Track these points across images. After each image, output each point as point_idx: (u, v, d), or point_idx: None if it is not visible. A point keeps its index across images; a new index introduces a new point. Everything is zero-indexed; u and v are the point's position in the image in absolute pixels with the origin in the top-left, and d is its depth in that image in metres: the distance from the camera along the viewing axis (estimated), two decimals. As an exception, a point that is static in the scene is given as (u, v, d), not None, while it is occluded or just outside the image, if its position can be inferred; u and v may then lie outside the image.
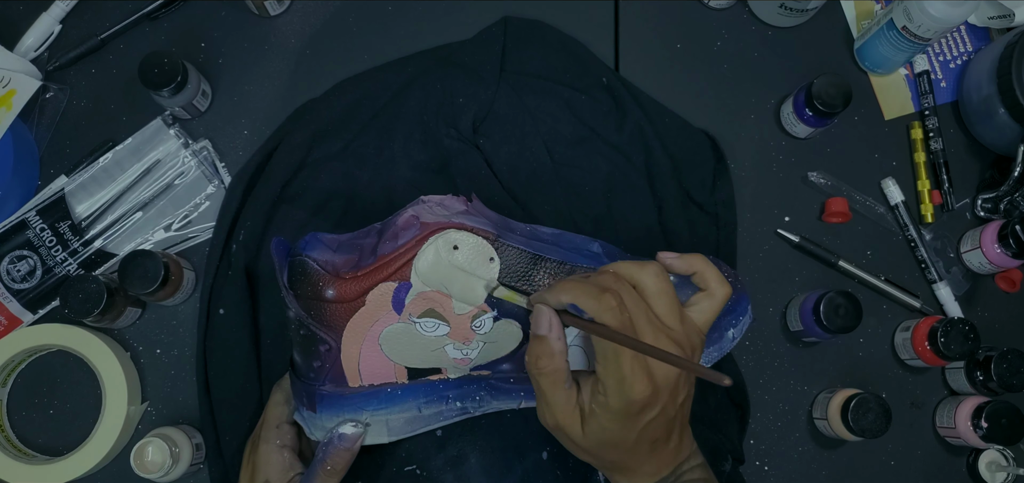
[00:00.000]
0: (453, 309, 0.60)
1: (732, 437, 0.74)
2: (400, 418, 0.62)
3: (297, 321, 0.61)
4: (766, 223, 0.80)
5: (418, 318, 0.60)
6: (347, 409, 0.61)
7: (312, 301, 0.61)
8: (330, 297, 0.60)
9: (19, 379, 0.75)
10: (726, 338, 0.62)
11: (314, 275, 0.60)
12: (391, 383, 0.62)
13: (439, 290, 0.60)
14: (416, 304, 0.60)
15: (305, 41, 0.81)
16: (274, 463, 0.61)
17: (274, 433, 0.63)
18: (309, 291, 0.61)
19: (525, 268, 0.61)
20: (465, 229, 0.60)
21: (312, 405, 0.62)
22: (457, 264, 0.60)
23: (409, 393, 0.62)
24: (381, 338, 0.61)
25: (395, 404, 0.62)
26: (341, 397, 0.61)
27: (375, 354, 0.61)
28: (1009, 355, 0.72)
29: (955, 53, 0.85)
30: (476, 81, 0.77)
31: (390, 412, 0.62)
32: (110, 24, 0.80)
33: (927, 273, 0.80)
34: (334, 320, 0.60)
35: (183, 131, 0.79)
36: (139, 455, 0.67)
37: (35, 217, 0.76)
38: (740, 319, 0.63)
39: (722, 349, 0.62)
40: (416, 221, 0.61)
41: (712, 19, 0.84)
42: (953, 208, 0.81)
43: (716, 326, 0.62)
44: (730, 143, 0.81)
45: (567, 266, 0.62)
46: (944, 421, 0.76)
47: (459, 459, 0.70)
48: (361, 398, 0.61)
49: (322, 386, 0.61)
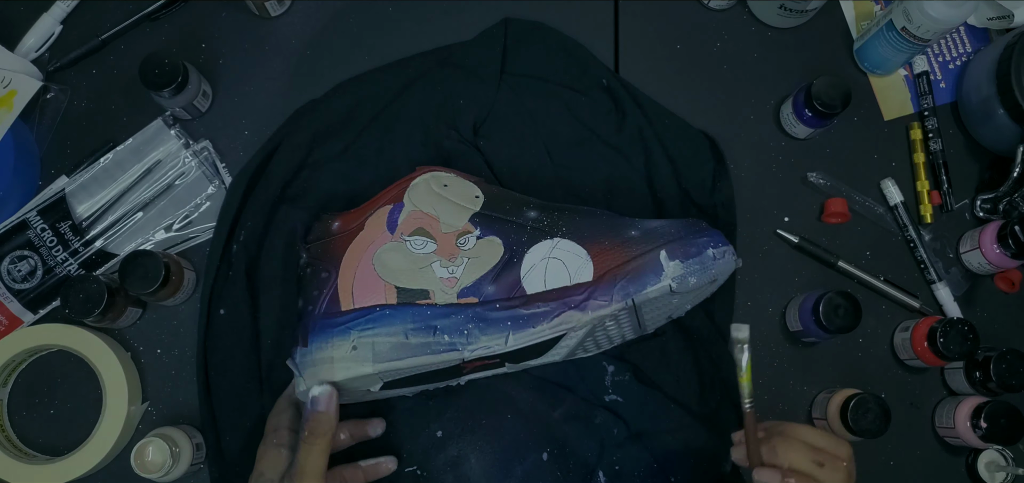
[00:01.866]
0: (441, 228, 0.66)
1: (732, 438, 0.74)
2: (387, 342, 0.62)
3: (304, 264, 0.67)
4: (766, 223, 0.80)
5: (409, 236, 0.65)
6: (337, 332, 0.62)
7: (320, 242, 0.67)
8: (335, 229, 0.67)
9: (20, 379, 0.75)
10: (706, 255, 0.64)
11: (325, 219, 0.69)
12: (380, 303, 0.63)
13: (429, 213, 0.66)
14: (407, 223, 0.66)
15: (306, 42, 0.82)
16: (269, 458, 0.62)
17: (272, 436, 0.63)
18: (319, 232, 0.68)
19: (508, 203, 0.67)
20: (454, 173, 0.68)
21: (305, 339, 0.63)
22: (446, 196, 0.67)
23: (397, 315, 0.63)
24: (375, 257, 0.65)
25: (382, 324, 0.62)
26: (332, 321, 0.63)
27: (368, 274, 0.64)
28: (1008, 355, 0.72)
29: (954, 54, 0.85)
30: (476, 82, 0.78)
31: (377, 333, 0.62)
32: (111, 25, 0.80)
33: (926, 273, 0.80)
34: (336, 249, 0.66)
35: (184, 131, 0.79)
36: (140, 455, 0.67)
37: (36, 217, 0.76)
38: (720, 244, 0.65)
39: (704, 266, 0.64)
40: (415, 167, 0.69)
41: (712, 20, 0.84)
42: (952, 208, 0.81)
43: (694, 244, 0.64)
44: (730, 144, 0.81)
45: (546, 202, 0.68)
46: (943, 421, 0.76)
47: (459, 460, 0.71)
48: (351, 318, 0.63)
49: (316, 314, 0.63)
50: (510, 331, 0.63)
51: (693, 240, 0.64)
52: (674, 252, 0.63)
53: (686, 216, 0.77)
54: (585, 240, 0.65)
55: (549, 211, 0.67)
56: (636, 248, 0.64)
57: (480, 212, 0.66)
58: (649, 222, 0.66)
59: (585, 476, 0.71)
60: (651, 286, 0.63)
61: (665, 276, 0.63)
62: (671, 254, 0.63)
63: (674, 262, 0.63)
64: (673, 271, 0.63)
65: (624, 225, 0.66)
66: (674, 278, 0.63)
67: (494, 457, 0.71)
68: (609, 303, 0.63)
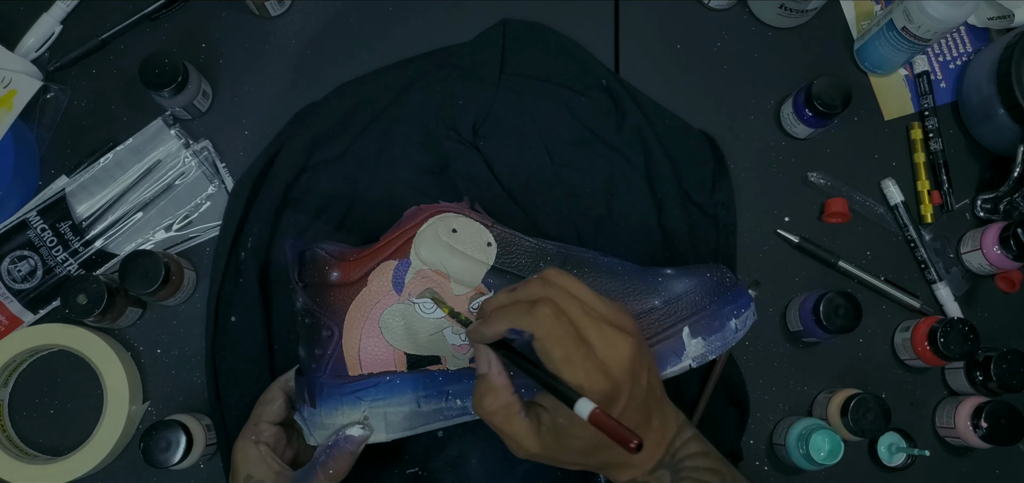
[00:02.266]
0: (451, 290, 0.61)
1: (730, 436, 0.74)
2: (399, 412, 0.61)
3: (303, 311, 0.63)
4: (766, 223, 0.80)
5: (417, 298, 0.61)
6: (346, 400, 0.61)
7: (318, 288, 0.62)
8: (335, 279, 0.62)
9: (20, 379, 0.75)
10: (728, 328, 0.62)
11: (321, 260, 0.62)
12: (390, 371, 0.61)
13: (438, 270, 0.61)
14: (415, 283, 0.61)
15: (305, 42, 0.82)
16: (251, 456, 0.61)
17: (251, 430, 0.63)
18: (316, 277, 0.62)
19: (523, 255, 0.62)
20: (464, 214, 0.62)
21: (312, 399, 0.61)
22: (456, 246, 0.61)
23: (408, 383, 0.61)
24: (381, 320, 0.61)
25: (394, 394, 0.61)
26: (340, 387, 0.61)
27: (375, 339, 0.61)
28: (1009, 355, 0.72)
29: (955, 54, 0.85)
30: (476, 83, 0.78)
31: (389, 403, 0.61)
32: (111, 24, 0.80)
33: (927, 273, 0.80)
34: (338, 304, 0.61)
35: (184, 131, 0.79)
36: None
37: (36, 217, 0.76)
38: (742, 311, 0.63)
39: (726, 340, 0.62)
40: (418, 209, 0.63)
41: (712, 20, 0.84)
42: (953, 208, 0.81)
43: (717, 315, 0.62)
44: (730, 144, 0.81)
45: (564, 251, 0.63)
46: (944, 421, 0.76)
47: (460, 460, 0.71)
48: (360, 387, 0.61)
49: (322, 376, 0.61)
50: (524, 394, 0.62)
51: (718, 311, 0.62)
52: (697, 328, 0.61)
53: (687, 216, 0.77)
54: None
55: (567, 268, 0.63)
56: (659, 323, 0.61)
57: (494, 268, 0.62)
58: (673, 281, 0.63)
59: (586, 475, 0.71)
60: (672, 366, 0.61)
61: (686, 356, 0.61)
62: (694, 330, 0.61)
63: (696, 340, 0.61)
64: (694, 350, 0.61)
65: (647, 289, 0.63)
66: (695, 358, 0.61)
67: (495, 457, 0.71)
68: None
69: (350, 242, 0.74)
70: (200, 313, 0.76)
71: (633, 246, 0.76)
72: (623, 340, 0.50)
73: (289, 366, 0.72)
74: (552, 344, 0.49)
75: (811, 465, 0.71)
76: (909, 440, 0.74)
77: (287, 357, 0.73)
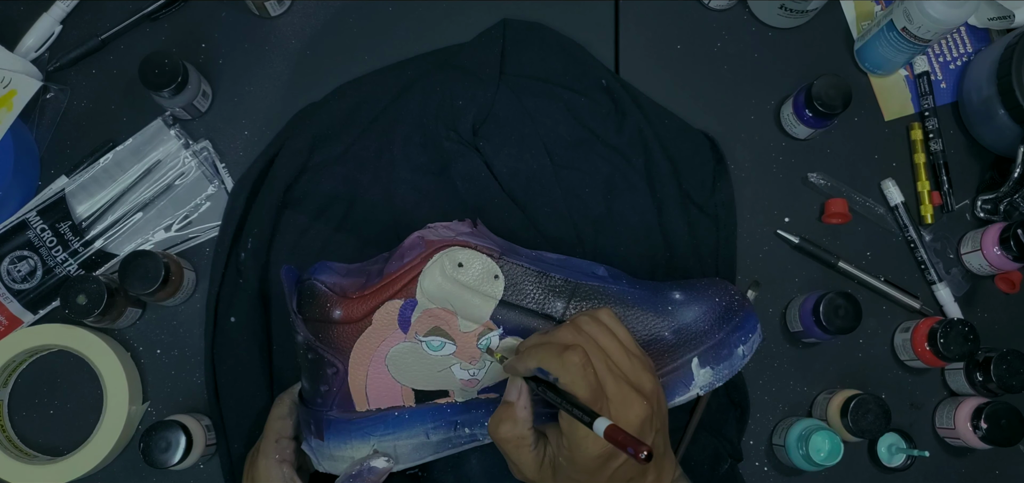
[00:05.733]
0: (459, 327, 0.61)
1: (731, 436, 0.74)
2: (408, 444, 0.61)
3: (305, 345, 0.62)
4: (766, 224, 0.80)
5: (424, 336, 0.61)
6: (355, 435, 0.61)
7: (320, 324, 0.61)
8: (337, 318, 0.60)
9: (20, 379, 0.75)
10: (736, 355, 0.63)
11: (322, 297, 0.61)
12: (398, 407, 0.61)
13: (445, 307, 0.60)
14: (422, 322, 0.60)
15: (305, 42, 0.82)
16: (274, 478, 0.61)
17: (273, 447, 0.63)
18: (317, 313, 0.61)
19: (531, 288, 0.61)
20: (469, 247, 0.61)
21: (320, 433, 0.61)
22: (462, 281, 0.60)
23: (417, 417, 0.61)
24: (388, 358, 0.61)
25: (402, 428, 0.61)
26: (348, 422, 0.61)
27: (382, 376, 0.61)
28: (1009, 356, 0.72)
29: (955, 54, 0.85)
30: (475, 84, 0.77)
31: (397, 437, 0.61)
32: (111, 24, 0.80)
33: (927, 274, 0.80)
34: (341, 342, 0.61)
35: (183, 132, 0.79)
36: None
37: (36, 217, 0.76)
38: (750, 336, 0.63)
39: (733, 367, 0.63)
40: (421, 240, 0.62)
41: (712, 20, 0.84)
42: (953, 209, 0.81)
43: (725, 343, 0.62)
44: (730, 144, 0.81)
45: (572, 283, 0.62)
46: (944, 422, 0.76)
47: (460, 460, 0.70)
48: (369, 423, 0.61)
49: (329, 412, 0.61)
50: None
51: (726, 339, 0.62)
52: (706, 358, 0.62)
53: (687, 216, 0.76)
54: None
55: (576, 300, 0.62)
56: (669, 356, 0.62)
57: (502, 302, 0.61)
58: (683, 308, 0.63)
59: None
60: (680, 396, 0.62)
61: (694, 385, 0.62)
62: (702, 361, 0.62)
63: (705, 370, 0.62)
64: (703, 380, 0.62)
65: (657, 319, 0.62)
66: (703, 386, 0.62)
67: (495, 458, 0.71)
68: None
69: (350, 244, 0.74)
70: (200, 313, 0.76)
71: (633, 246, 0.76)
72: (638, 403, 0.53)
73: (289, 367, 0.73)
74: (572, 391, 0.52)
75: (811, 466, 0.71)
76: (909, 441, 0.74)
77: (286, 358, 0.73)
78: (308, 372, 0.63)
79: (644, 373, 0.55)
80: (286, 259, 0.73)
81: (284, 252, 0.74)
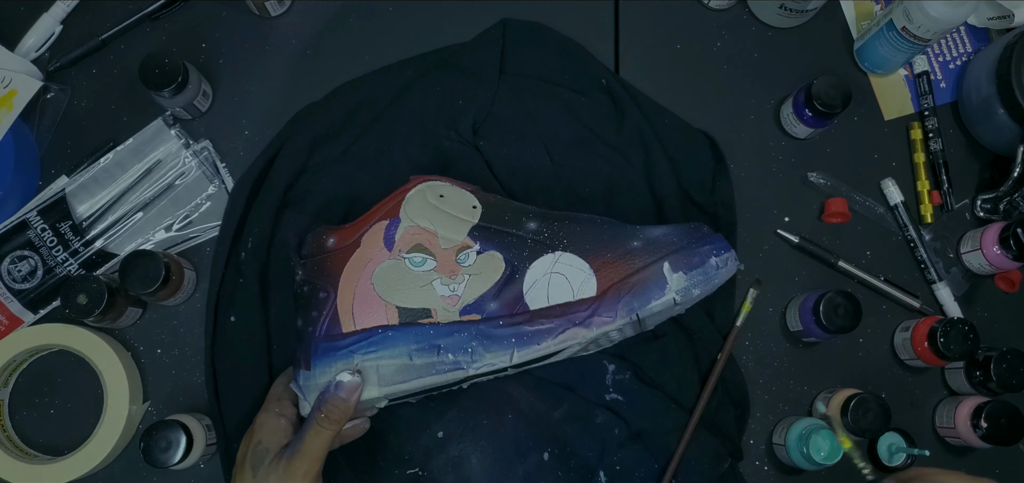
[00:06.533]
0: (439, 244, 0.64)
1: (731, 436, 0.75)
2: (391, 365, 0.62)
3: (301, 281, 0.66)
4: (766, 223, 0.80)
5: (407, 253, 0.64)
6: (340, 356, 0.62)
7: (316, 258, 0.66)
8: (331, 246, 0.66)
9: (20, 379, 0.75)
10: (709, 265, 0.64)
11: (319, 233, 0.67)
12: (382, 325, 0.63)
13: (426, 228, 0.65)
14: (405, 239, 0.64)
15: (306, 42, 0.82)
16: (269, 426, 0.61)
17: (274, 404, 0.63)
18: (314, 248, 0.66)
19: (507, 214, 0.67)
20: (450, 182, 0.67)
21: (308, 363, 0.62)
22: (443, 208, 0.65)
23: (400, 335, 0.62)
24: (373, 276, 0.64)
25: (386, 347, 0.62)
26: (334, 344, 0.62)
27: (368, 294, 0.63)
28: (1008, 355, 0.72)
29: (955, 54, 0.85)
30: (475, 83, 0.78)
31: (380, 356, 0.62)
32: (111, 24, 0.80)
33: (926, 273, 0.80)
34: (333, 268, 0.64)
35: (184, 131, 0.79)
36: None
37: (36, 217, 0.76)
38: (722, 252, 0.65)
39: (707, 276, 0.64)
40: (410, 182, 0.68)
41: (712, 20, 0.84)
42: (952, 208, 0.81)
43: (697, 253, 0.64)
44: (730, 143, 0.81)
45: (544, 210, 0.67)
46: (944, 421, 0.76)
47: (460, 460, 0.71)
48: (353, 341, 0.62)
49: (317, 336, 0.63)
50: (514, 348, 0.62)
51: (696, 249, 0.64)
52: (677, 263, 0.64)
53: (686, 216, 0.77)
54: (587, 253, 0.65)
55: (549, 221, 0.67)
56: (639, 260, 0.64)
57: (479, 224, 0.66)
58: (651, 229, 0.66)
59: (586, 476, 0.71)
60: (655, 300, 0.63)
61: (669, 289, 0.63)
62: (674, 266, 0.64)
63: (677, 274, 0.63)
64: (677, 284, 0.63)
65: (626, 235, 0.66)
66: (678, 291, 0.63)
67: (495, 457, 0.71)
68: (614, 319, 0.63)
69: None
70: (200, 313, 0.76)
71: (633, 246, 0.76)
72: None
73: (286, 365, 0.72)
74: None
75: (811, 465, 0.71)
76: (909, 440, 0.74)
77: (286, 357, 0.73)
78: (302, 307, 0.65)
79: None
80: (286, 259, 0.73)
81: (284, 252, 0.74)
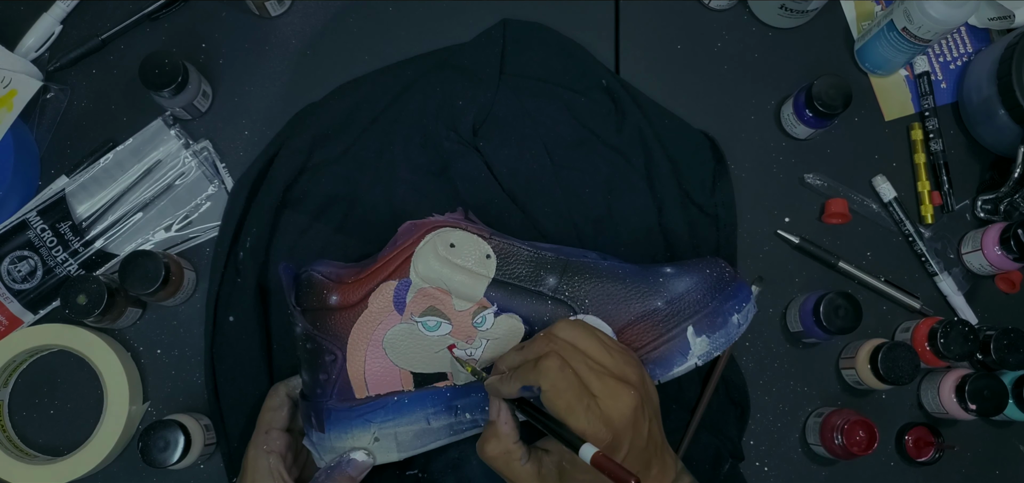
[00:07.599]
0: (453, 306, 0.61)
1: (731, 436, 0.74)
2: (409, 431, 0.61)
3: (304, 336, 0.62)
4: (766, 224, 0.80)
5: (420, 317, 0.61)
6: (355, 423, 0.61)
7: (317, 312, 0.62)
8: (334, 303, 0.61)
9: (20, 379, 0.75)
10: (731, 323, 0.63)
11: (319, 285, 0.62)
12: (398, 391, 0.61)
13: (439, 287, 0.61)
14: (417, 302, 0.61)
15: (306, 42, 0.82)
16: (260, 468, 0.61)
17: (263, 438, 0.63)
18: (314, 301, 0.62)
19: (523, 266, 0.62)
20: (461, 228, 0.62)
21: (321, 425, 0.61)
22: (455, 261, 0.61)
23: (417, 401, 0.62)
24: (385, 341, 0.61)
25: (403, 414, 0.61)
26: (349, 411, 0.61)
27: (380, 360, 0.61)
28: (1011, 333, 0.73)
29: (955, 54, 0.85)
30: (475, 84, 0.77)
31: (398, 423, 0.61)
32: (111, 24, 0.80)
33: (927, 266, 0.80)
34: (339, 328, 0.61)
35: (184, 131, 0.79)
36: None
37: (36, 217, 0.76)
38: (743, 305, 0.64)
39: (729, 335, 0.63)
40: (413, 226, 0.63)
41: (712, 20, 0.84)
42: (953, 209, 0.81)
43: (719, 312, 0.63)
44: (730, 144, 0.81)
45: (563, 259, 0.63)
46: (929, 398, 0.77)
47: (461, 462, 0.70)
48: (369, 409, 0.61)
49: (329, 401, 0.61)
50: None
51: (719, 307, 0.63)
52: (701, 326, 0.62)
53: (687, 216, 0.76)
54: (611, 317, 0.62)
55: (569, 275, 0.63)
56: (663, 325, 0.62)
57: (495, 280, 0.62)
58: (674, 280, 0.63)
59: None
60: (678, 366, 0.62)
61: (692, 355, 0.62)
62: (698, 329, 0.62)
63: (701, 338, 0.62)
64: (700, 348, 0.62)
65: (649, 290, 0.63)
66: (700, 356, 0.62)
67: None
68: None
69: (349, 245, 0.75)
70: (200, 313, 0.76)
71: (633, 246, 0.76)
72: (626, 392, 0.53)
73: (288, 366, 0.73)
74: (556, 396, 0.52)
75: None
76: None
77: (285, 357, 0.73)
78: (307, 363, 0.63)
79: (628, 364, 0.55)
80: (285, 259, 0.73)
81: (283, 252, 0.74)
